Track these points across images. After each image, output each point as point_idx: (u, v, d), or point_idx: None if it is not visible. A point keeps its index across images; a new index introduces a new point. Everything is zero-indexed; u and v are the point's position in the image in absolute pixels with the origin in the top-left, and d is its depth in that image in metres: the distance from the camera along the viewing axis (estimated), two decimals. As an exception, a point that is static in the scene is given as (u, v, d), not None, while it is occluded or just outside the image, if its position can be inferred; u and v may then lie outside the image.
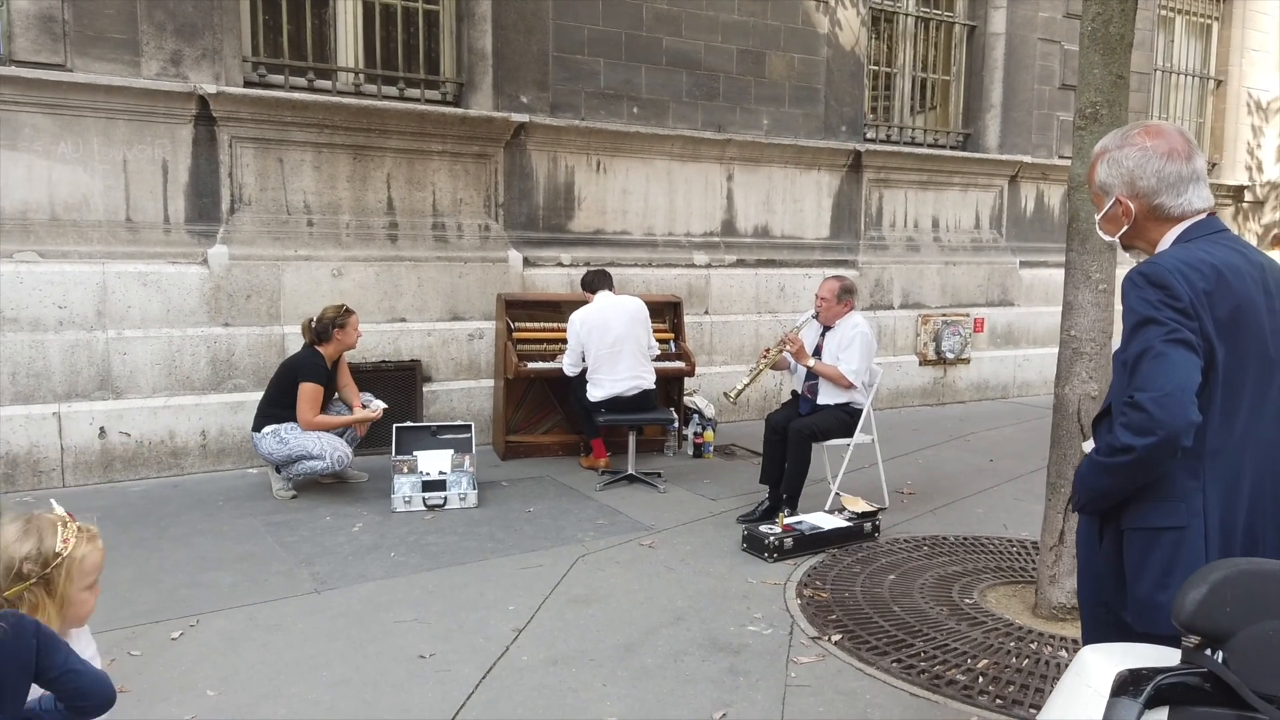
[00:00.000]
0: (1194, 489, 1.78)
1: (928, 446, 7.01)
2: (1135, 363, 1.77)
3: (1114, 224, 2.05)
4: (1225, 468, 1.79)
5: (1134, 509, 1.82)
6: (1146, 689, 1.28)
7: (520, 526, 4.86)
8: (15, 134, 5.20)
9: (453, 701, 3.02)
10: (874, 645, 3.51)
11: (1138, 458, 1.73)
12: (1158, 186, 1.96)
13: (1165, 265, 1.82)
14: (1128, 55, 3.51)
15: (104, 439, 5.39)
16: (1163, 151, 1.96)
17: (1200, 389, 1.75)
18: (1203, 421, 1.74)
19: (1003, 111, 9.02)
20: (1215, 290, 1.80)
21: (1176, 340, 1.74)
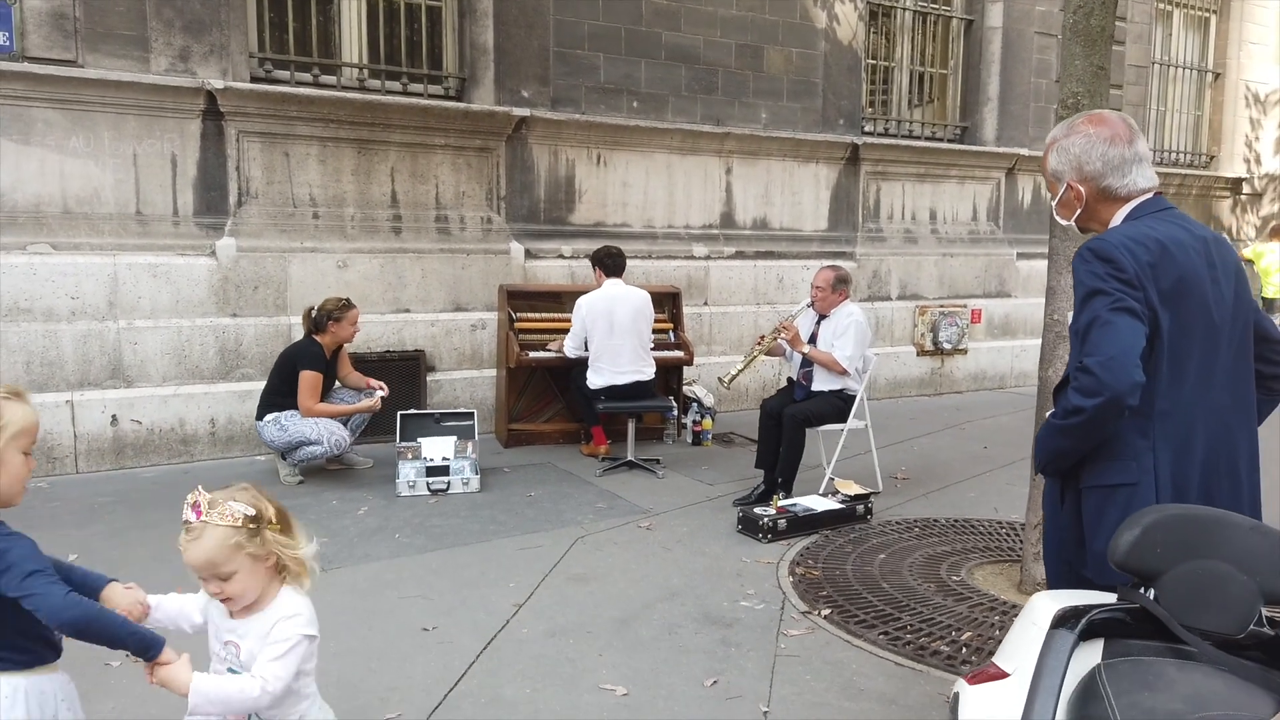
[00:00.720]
0: (1144, 448, 1.90)
1: (923, 434, 7.12)
2: (1085, 331, 1.89)
3: (1068, 208, 2.18)
4: (1175, 428, 1.91)
5: (1089, 469, 1.94)
6: (1081, 622, 1.40)
7: (521, 510, 4.98)
8: (28, 129, 5.33)
9: (455, 670, 3.14)
10: (862, 619, 3.63)
11: (1088, 418, 1.85)
12: (1103, 170, 2.09)
13: (1111, 241, 1.95)
14: (1108, 47, 3.60)
15: (116, 426, 5.52)
16: (1106, 137, 2.09)
17: (1147, 355, 1.87)
18: (1151, 385, 1.86)
19: (1000, 105, 9.11)
20: (1159, 262, 1.92)
21: (1121, 309, 1.86)
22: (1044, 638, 1.38)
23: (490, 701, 2.94)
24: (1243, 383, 2.01)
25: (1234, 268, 2.04)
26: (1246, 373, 2.02)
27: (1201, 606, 1.38)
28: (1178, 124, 11.18)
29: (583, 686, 3.05)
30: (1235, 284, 2.03)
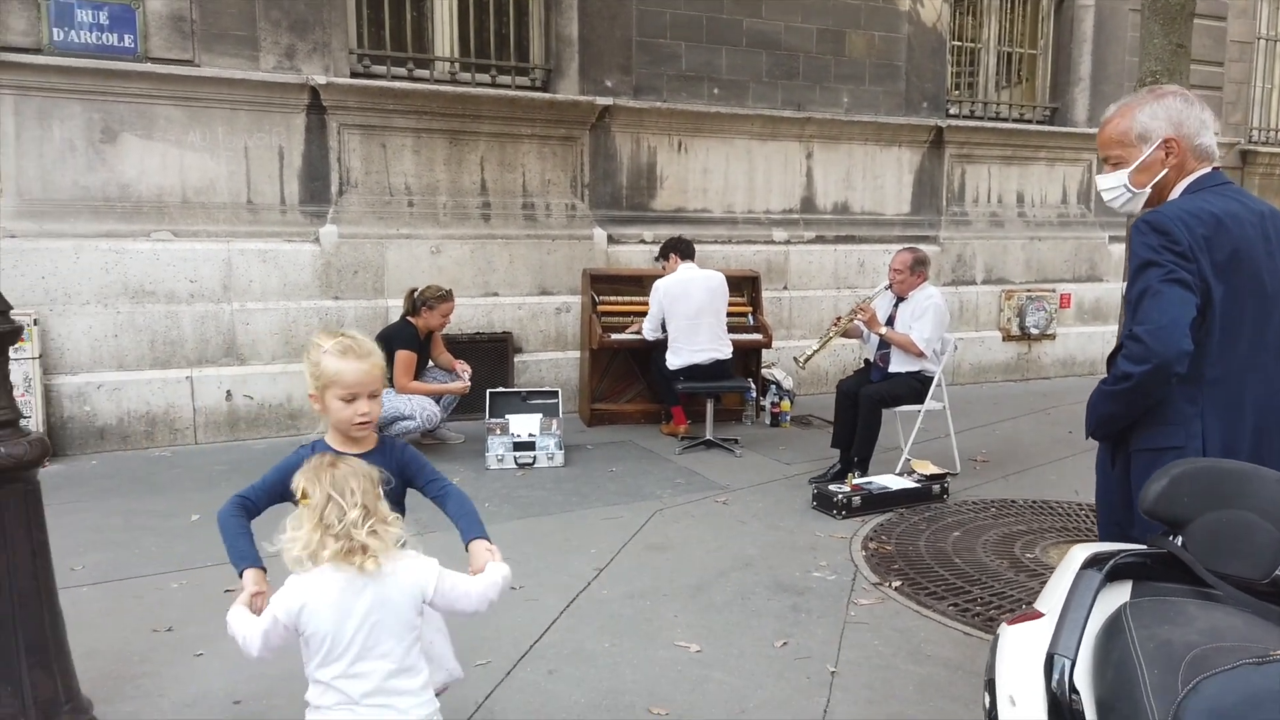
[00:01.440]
0: (1193, 414, 1.97)
1: (1006, 419, 7.07)
2: (1137, 301, 1.97)
3: (1149, 172, 2.21)
4: (1224, 395, 1.98)
5: (1139, 433, 2.02)
6: (1109, 564, 1.50)
7: (603, 484, 5.19)
8: (151, 125, 5.77)
9: (540, 625, 3.36)
10: (932, 591, 3.72)
11: (1136, 384, 1.93)
12: (1198, 129, 2.19)
13: (1167, 214, 2.02)
14: (1188, 25, 3.59)
15: (230, 401, 5.95)
16: (1192, 101, 2.21)
17: (1198, 325, 1.94)
18: (1201, 353, 1.93)
19: (1092, 84, 8.89)
20: (1214, 236, 1.98)
21: (1173, 280, 1.93)
22: (1073, 577, 1.50)
23: (572, 653, 3.16)
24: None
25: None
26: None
27: (1227, 553, 1.47)
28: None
29: (659, 643, 3.24)
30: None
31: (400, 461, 2.12)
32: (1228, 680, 1.19)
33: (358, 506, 1.74)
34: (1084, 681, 1.40)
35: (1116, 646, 1.37)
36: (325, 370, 2.00)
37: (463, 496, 2.16)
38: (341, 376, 1.99)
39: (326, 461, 1.82)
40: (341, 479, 1.77)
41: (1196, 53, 9.22)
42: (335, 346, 2.02)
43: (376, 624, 1.73)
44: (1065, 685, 1.36)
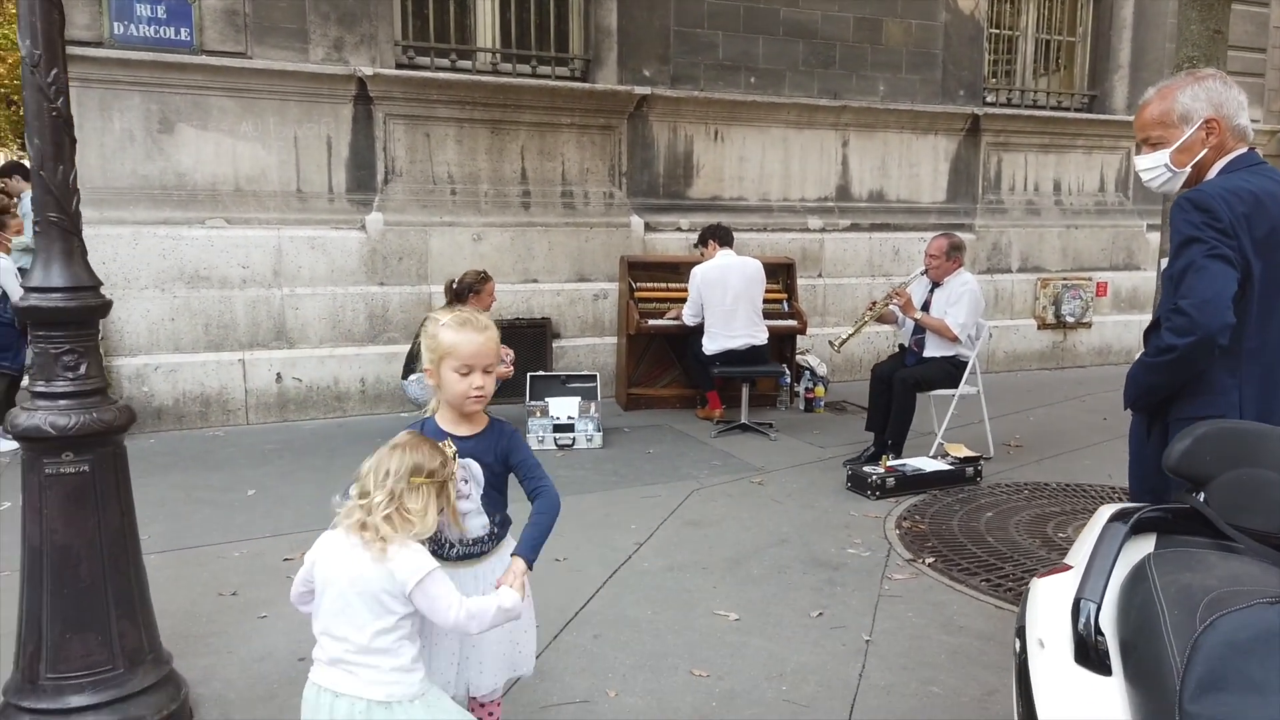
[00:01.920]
0: (1231, 385, 2.06)
1: (1040, 406, 7.10)
2: (1180, 276, 2.06)
3: (1189, 152, 2.29)
4: (1262, 366, 2.06)
5: (1178, 404, 2.11)
6: (1134, 517, 1.60)
7: (640, 464, 5.32)
8: (206, 115, 5.97)
9: (584, 593, 3.50)
10: (965, 567, 3.80)
11: (1180, 355, 2.02)
12: (1236, 110, 2.27)
13: (1208, 192, 2.10)
14: (1226, 10, 3.63)
15: (280, 383, 6.15)
16: (1230, 84, 2.29)
17: (1238, 299, 2.02)
18: (1240, 326, 2.02)
19: (1131, 72, 8.84)
20: (1254, 213, 2.06)
21: (1216, 255, 2.02)
22: (1099, 531, 1.59)
23: (616, 619, 3.29)
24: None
25: None
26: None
27: (1246, 508, 1.55)
28: (1332, 87, 10.52)
29: (698, 611, 3.36)
30: None
31: (505, 448, 2.10)
32: (1242, 617, 1.29)
33: (384, 490, 1.79)
34: (1109, 625, 1.49)
35: (1140, 592, 1.47)
36: (442, 342, 2.00)
37: (549, 504, 2.11)
38: (458, 348, 1.99)
39: (397, 441, 1.88)
40: (384, 460, 1.82)
41: (1238, 39, 9.15)
42: (454, 319, 2.02)
43: (354, 597, 1.78)
44: (1091, 627, 1.46)
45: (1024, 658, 1.61)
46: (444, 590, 1.81)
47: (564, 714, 2.67)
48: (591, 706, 2.71)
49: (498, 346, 2.07)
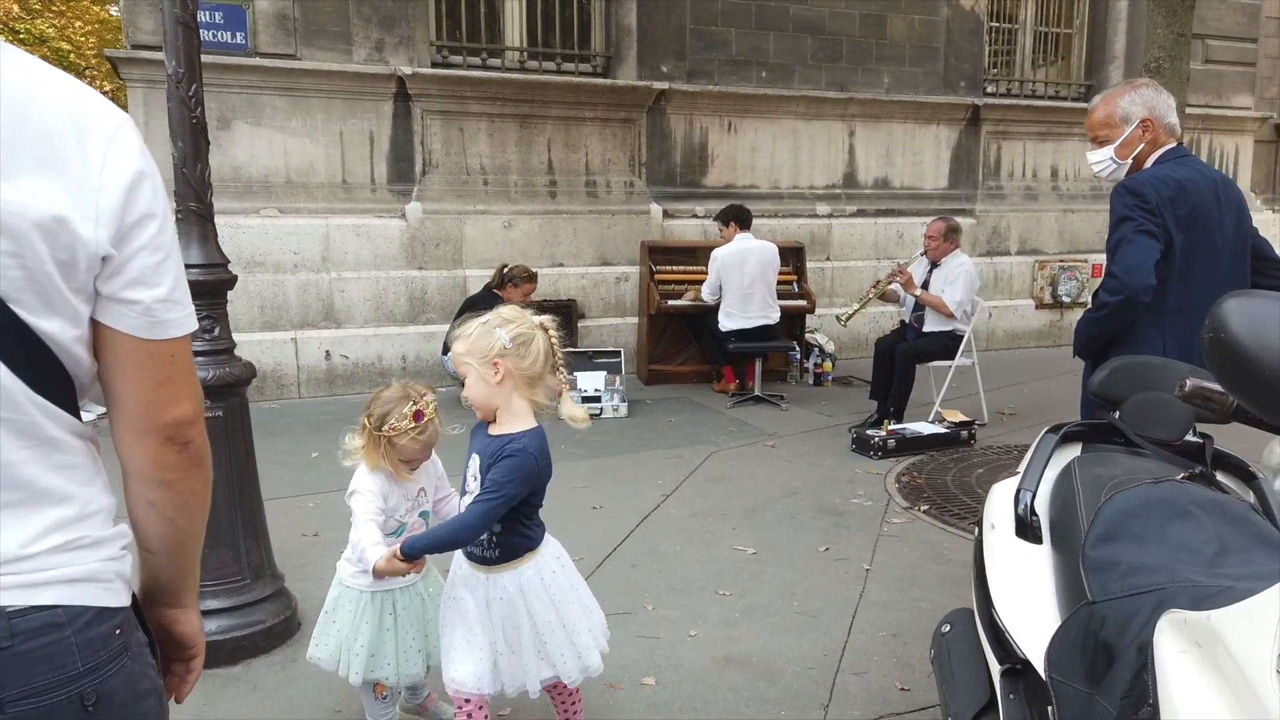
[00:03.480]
0: (1156, 336, 2.56)
1: (1035, 380, 7.56)
2: (1115, 247, 2.55)
3: (1129, 147, 2.78)
4: (1181, 323, 2.56)
5: (1114, 351, 2.59)
6: (1063, 431, 2.08)
7: (663, 431, 5.82)
8: (259, 113, 6.47)
9: (620, 534, 4.00)
10: (956, 513, 4.29)
11: (1111, 311, 2.52)
12: (1166, 111, 2.75)
13: (1141, 180, 2.59)
14: (1189, 16, 4.07)
15: (329, 361, 6.66)
16: (1160, 90, 2.78)
17: (1162, 267, 2.50)
18: (1163, 289, 2.52)
19: (1126, 62, 9.24)
20: (1177, 196, 2.55)
21: (1143, 231, 2.52)
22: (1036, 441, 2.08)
23: (649, 554, 3.79)
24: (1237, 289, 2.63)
25: (1236, 203, 2.64)
26: (1243, 283, 2.62)
27: (1151, 422, 2.02)
28: (1323, 74, 10.90)
29: (721, 547, 3.86)
30: (1237, 215, 2.63)
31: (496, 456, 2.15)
32: (1132, 492, 1.77)
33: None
34: (1042, 509, 1.98)
35: (1065, 483, 1.96)
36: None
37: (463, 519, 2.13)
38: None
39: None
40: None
41: (1230, 30, 9.55)
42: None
43: None
44: (1027, 509, 1.95)
45: (980, 538, 2.10)
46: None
47: (611, 623, 3.15)
48: (633, 617, 3.21)
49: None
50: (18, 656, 0.88)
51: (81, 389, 0.99)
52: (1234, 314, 0.91)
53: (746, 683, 2.79)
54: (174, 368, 1.00)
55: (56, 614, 0.92)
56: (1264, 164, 10.55)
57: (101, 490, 1.01)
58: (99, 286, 0.94)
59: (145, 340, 0.97)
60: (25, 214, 0.86)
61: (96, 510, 0.99)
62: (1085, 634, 1.55)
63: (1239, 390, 0.92)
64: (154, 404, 1.00)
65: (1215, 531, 1.63)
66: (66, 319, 0.92)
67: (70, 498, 0.96)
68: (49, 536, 0.93)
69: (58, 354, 0.93)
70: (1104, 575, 1.64)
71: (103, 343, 0.97)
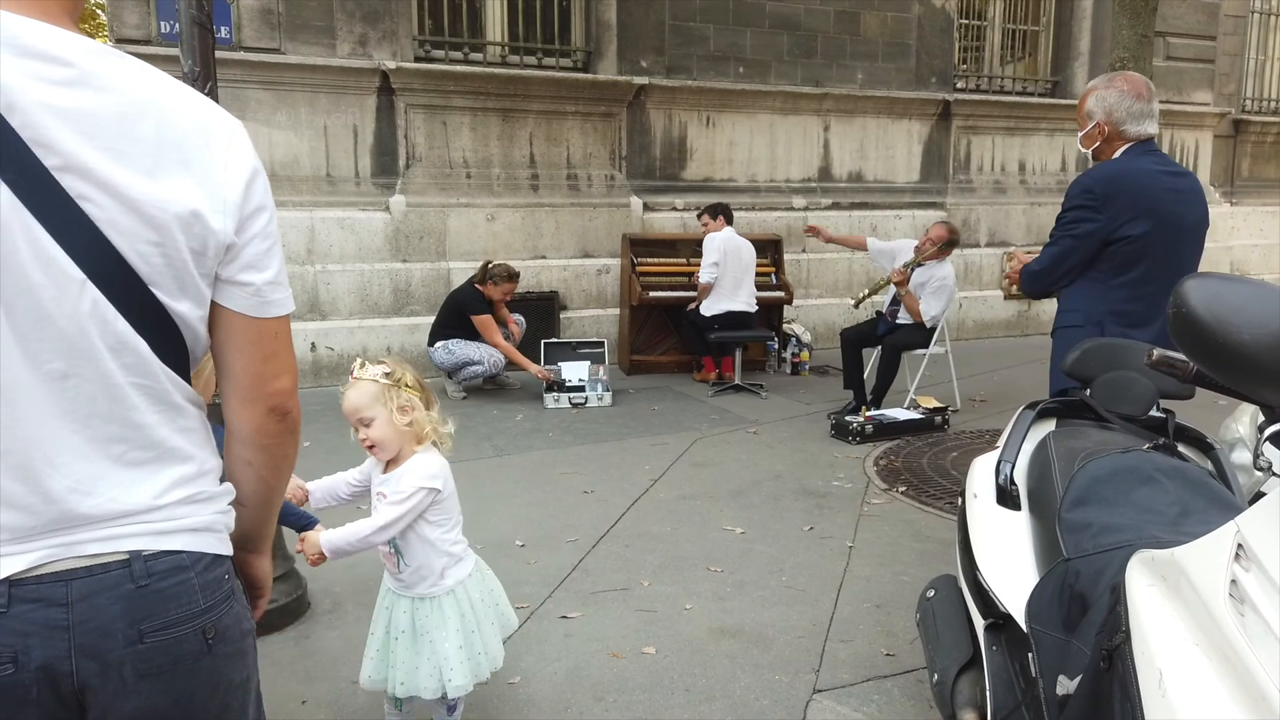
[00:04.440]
0: (1092, 305, 2.85)
1: (1005, 368, 7.80)
2: (1052, 238, 2.89)
3: (1090, 140, 3.02)
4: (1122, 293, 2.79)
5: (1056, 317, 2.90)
6: (1039, 407, 2.25)
7: (648, 419, 5.97)
8: (244, 106, 6.51)
9: (612, 517, 4.15)
10: (932, 494, 4.48)
11: (1026, 291, 3.03)
12: (1124, 118, 2.91)
13: (1092, 174, 2.81)
14: (1152, 18, 4.27)
15: (314, 352, 6.73)
16: (1132, 94, 2.89)
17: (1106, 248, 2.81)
18: (1109, 265, 2.79)
19: (1091, 59, 9.51)
20: (1127, 187, 2.81)
21: (1069, 235, 2.83)
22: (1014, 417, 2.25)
23: (641, 535, 3.94)
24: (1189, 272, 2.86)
25: (1193, 193, 2.84)
26: (1194, 266, 2.85)
27: (1119, 399, 2.19)
28: (1278, 72, 11.26)
29: (710, 527, 4.02)
30: (1193, 204, 2.83)
31: None
32: (1102, 460, 1.94)
33: None
34: (1020, 479, 2.15)
35: (1041, 454, 2.13)
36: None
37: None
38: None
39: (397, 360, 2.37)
40: None
41: (1190, 28, 9.84)
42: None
43: None
44: (1007, 479, 2.12)
45: (963, 506, 2.26)
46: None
47: (610, 597, 3.32)
48: (630, 592, 3.36)
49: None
50: (155, 594, 1.01)
51: (194, 361, 1.11)
52: (1193, 293, 1.07)
53: (741, 650, 2.94)
54: (278, 343, 1.14)
55: (182, 558, 1.05)
56: (1222, 158, 10.89)
57: (213, 453, 1.14)
58: (220, 271, 1.07)
59: (255, 319, 1.10)
60: (169, 209, 0.99)
61: (211, 469, 1.12)
62: (1061, 587, 1.72)
63: (1198, 357, 1.08)
64: (261, 376, 1.13)
65: (1177, 495, 1.80)
66: (194, 300, 1.05)
67: (191, 457, 1.09)
68: (175, 490, 1.06)
69: (183, 331, 1.05)
70: (1078, 535, 1.81)
71: (218, 321, 1.10)
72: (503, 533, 3.94)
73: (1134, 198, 2.76)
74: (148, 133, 0.99)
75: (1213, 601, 1.05)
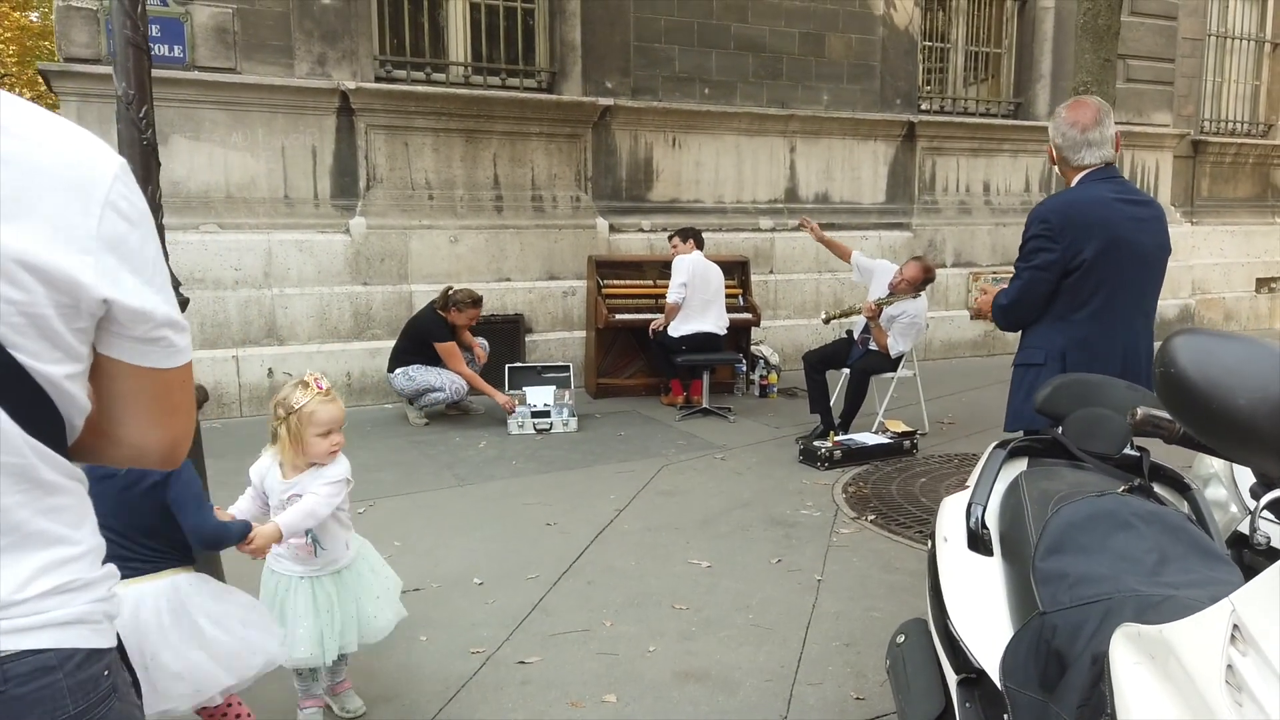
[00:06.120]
0: (1054, 340, 2.82)
1: (972, 389, 7.78)
2: (1015, 270, 2.86)
3: (1053, 164, 3.07)
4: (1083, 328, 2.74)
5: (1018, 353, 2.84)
6: (1010, 446, 2.18)
7: (614, 445, 5.86)
8: (198, 127, 6.35)
9: (574, 550, 4.02)
10: (902, 522, 4.41)
11: (998, 321, 2.97)
12: (1064, 145, 2.97)
13: (1047, 204, 2.89)
14: (1114, 42, 4.27)
15: (271, 378, 6.55)
16: (1070, 122, 2.95)
17: (1063, 280, 2.79)
18: (1069, 298, 2.77)
19: (1052, 81, 9.59)
20: (1086, 215, 2.80)
21: (1032, 266, 2.83)
22: (985, 455, 2.17)
23: (605, 569, 3.82)
24: (1150, 299, 2.83)
25: (1154, 219, 2.82)
26: (1155, 293, 2.82)
27: (1092, 437, 2.12)
28: (1235, 94, 11.46)
29: (675, 561, 3.91)
30: (1154, 231, 2.81)
31: None
32: (1077, 505, 1.86)
33: None
34: (992, 521, 2.07)
35: (1013, 496, 2.05)
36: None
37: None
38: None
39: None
40: None
41: (1149, 50, 9.97)
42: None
43: None
44: (978, 522, 2.04)
45: (933, 550, 2.18)
46: None
47: (570, 640, 3.19)
48: (592, 634, 3.24)
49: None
50: (13, 701, 0.89)
51: (72, 430, 0.99)
52: (1182, 351, 0.99)
53: (706, 696, 2.83)
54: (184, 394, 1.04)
55: (48, 658, 0.92)
56: (1182, 178, 11.03)
57: (91, 531, 1.02)
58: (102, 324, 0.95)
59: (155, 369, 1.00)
60: (23, 258, 0.87)
61: (86, 551, 1.00)
62: (1038, 643, 1.63)
63: (1188, 421, 0.99)
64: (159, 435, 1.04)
65: (1155, 542, 1.73)
66: (67, 358, 0.93)
67: (60, 540, 0.97)
68: (40, 580, 0.94)
69: (53, 395, 0.93)
70: (1054, 586, 1.72)
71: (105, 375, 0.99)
72: (460, 569, 3.80)
73: (1087, 226, 2.74)
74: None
75: (1207, 689, 0.96)
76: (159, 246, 1.01)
